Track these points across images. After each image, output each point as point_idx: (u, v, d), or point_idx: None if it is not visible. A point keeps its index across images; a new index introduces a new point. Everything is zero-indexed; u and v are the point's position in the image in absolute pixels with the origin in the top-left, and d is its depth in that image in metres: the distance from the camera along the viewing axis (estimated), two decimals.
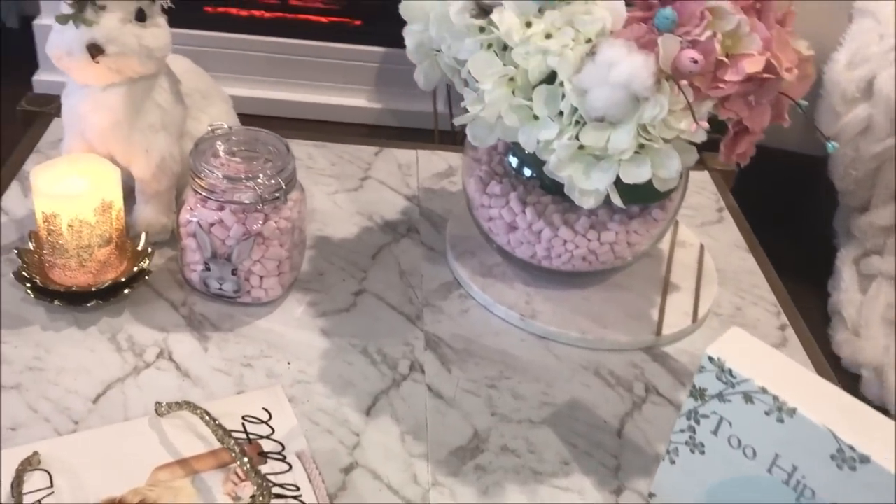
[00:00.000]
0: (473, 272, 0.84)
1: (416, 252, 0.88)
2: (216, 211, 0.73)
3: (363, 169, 1.01)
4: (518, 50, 0.63)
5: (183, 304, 0.77)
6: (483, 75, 0.64)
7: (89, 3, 0.68)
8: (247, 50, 1.88)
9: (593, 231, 0.75)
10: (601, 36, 0.62)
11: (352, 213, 0.93)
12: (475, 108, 0.66)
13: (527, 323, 0.79)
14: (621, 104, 0.59)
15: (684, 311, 0.83)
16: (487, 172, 0.80)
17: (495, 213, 0.78)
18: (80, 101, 0.74)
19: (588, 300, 0.83)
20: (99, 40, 0.68)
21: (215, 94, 0.86)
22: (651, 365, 0.78)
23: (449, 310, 0.81)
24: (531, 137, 0.65)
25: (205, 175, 0.72)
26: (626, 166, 0.62)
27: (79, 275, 0.73)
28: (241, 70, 1.89)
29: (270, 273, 0.76)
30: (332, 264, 0.85)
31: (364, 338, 0.76)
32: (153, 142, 0.76)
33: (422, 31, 0.74)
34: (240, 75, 1.89)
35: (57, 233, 0.71)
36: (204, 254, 0.74)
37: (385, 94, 1.98)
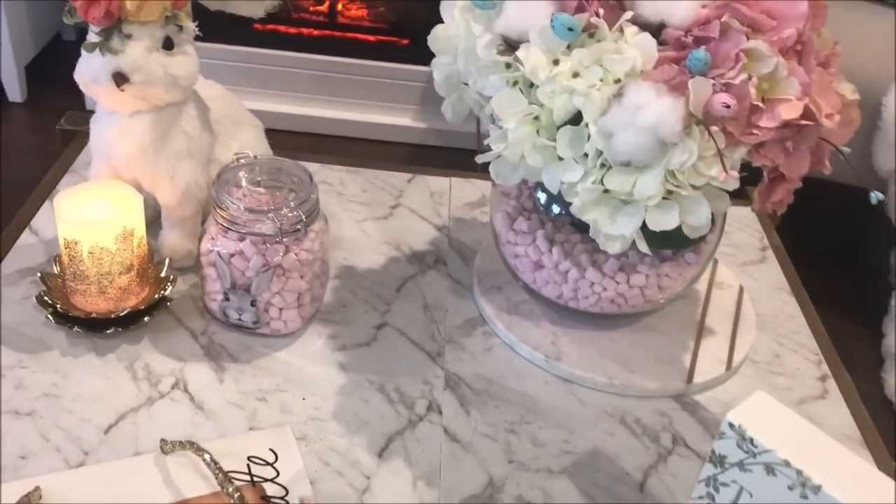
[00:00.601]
0: (499, 309, 0.82)
1: (442, 285, 0.86)
2: (237, 242, 0.72)
3: (394, 196, 0.99)
4: (544, 88, 0.61)
5: (203, 333, 0.77)
6: (507, 113, 0.62)
7: (116, 31, 0.68)
8: (294, 67, 1.89)
9: (622, 273, 0.73)
10: (630, 76, 0.60)
11: (379, 243, 0.91)
12: (498, 146, 0.64)
13: (551, 365, 0.77)
14: (648, 149, 0.57)
15: (718, 357, 0.80)
16: (515, 208, 0.78)
17: (521, 251, 0.76)
18: (107, 127, 0.74)
19: (616, 342, 0.80)
20: (124, 69, 0.68)
21: (246, 121, 0.86)
22: (680, 414, 0.75)
23: (472, 347, 0.79)
24: (555, 178, 0.63)
25: (226, 206, 0.71)
26: (653, 212, 0.59)
27: (99, 301, 0.73)
28: (287, 87, 1.89)
29: (290, 305, 0.75)
30: (355, 295, 0.84)
31: (382, 374, 0.75)
32: (178, 169, 0.76)
33: (450, 64, 0.72)
34: (286, 92, 1.90)
35: (78, 259, 0.71)
36: (224, 284, 0.73)
37: (429, 113, 1.97)
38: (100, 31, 0.68)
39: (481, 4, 0.67)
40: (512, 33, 0.64)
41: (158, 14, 0.69)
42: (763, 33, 0.59)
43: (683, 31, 0.60)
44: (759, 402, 0.50)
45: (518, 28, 0.63)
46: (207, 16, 2.11)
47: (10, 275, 0.80)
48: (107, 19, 0.67)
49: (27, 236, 0.85)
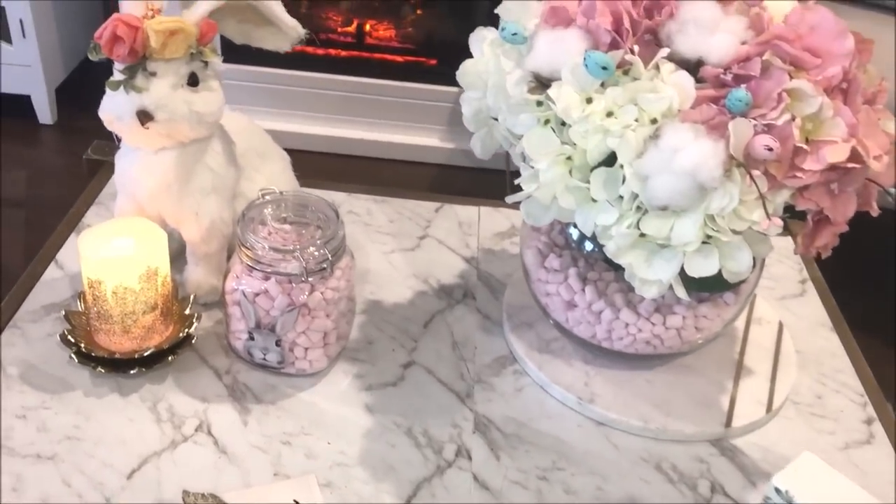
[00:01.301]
0: (530, 347, 0.79)
1: (470, 320, 0.84)
2: (262, 281, 0.70)
3: (422, 227, 0.98)
4: (576, 128, 0.59)
5: (227, 373, 0.75)
6: (538, 153, 0.60)
7: (140, 69, 0.67)
8: (322, 88, 1.88)
9: (658, 315, 0.70)
10: (667, 116, 0.57)
11: (407, 276, 0.90)
12: (529, 186, 0.62)
13: (584, 407, 0.74)
14: (686, 193, 0.54)
15: (758, 398, 0.77)
16: (546, 244, 0.76)
17: (553, 290, 0.74)
18: (131, 163, 0.73)
19: (652, 383, 0.77)
20: (148, 107, 0.67)
21: (272, 153, 0.85)
22: (718, 460, 0.72)
23: (502, 388, 0.77)
24: (588, 220, 0.60)
25: (251, 245, 0.70)
26: (692, 258, 0.57)
27: (123, 340, 0.72)
28: (315, 108, 1.89)
29: (315, 345, 0.73)
30: (382, 332, 0.82)
31: (410, 417, 0.73)
32: (203, 205, 0.75)
33: (479, 99, 0.71)
34: (314, 113, 1.90)
35: (102, 299, 0.69)
36: (248, 323, 0.72)
37: (457, 133, 1.95)
38: (124, 69, 0.67)
39: (512, 39, 0.65)
40: (543, 70, 0.62)
41: (183, 51, 0.68)
42: (807, 71, 0.57)
43: (722, 69, 0.58)
44: (807, 464, 0.47)
45: (549, 65, 0.61)
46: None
47: (35, 310, 0.79)
48: (131, 57, 0.66)
49: (53, 270, 0.84)
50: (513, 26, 0.65)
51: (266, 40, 0.74)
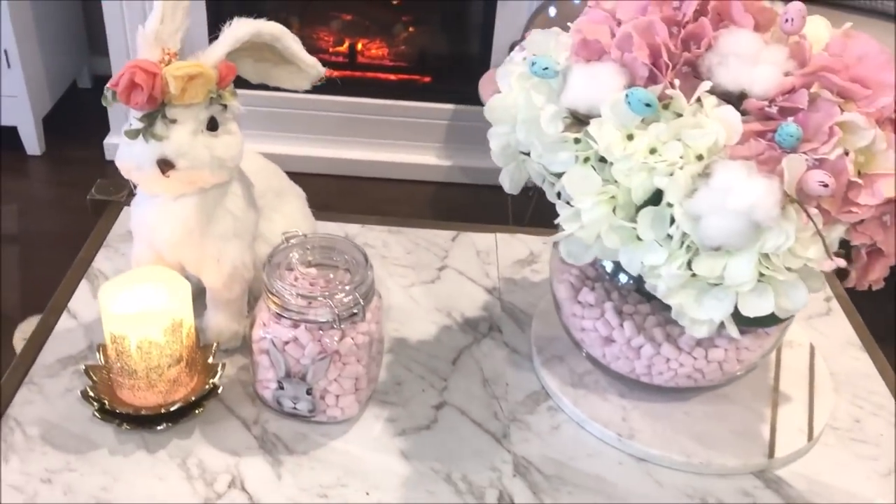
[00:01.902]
0: (563, 382, 0.78)
1: (499, 355, 0.82)
2: (291, 328, 0.68)
3: (440, 257, 0.96)
4: (619, 166, 0.57)
5: (255, 423, 0.73)
6: (580, 193, 0.58)
7: (159, 116, 0.65)
8: (315, 109, 1.86)
9: (700, 349, 0.69)
10: (713, 151, 0.56)
11: (429, 310, 0.88)
12: (570, 225, 0.60)
13: (625, 444, 0.73)
14: (741, 233, 0.53)
15: (798, 426, 0.75)
16: (578, 277, 0.74)
17: (589, 325, 0.72)
18: (149, 211, 0.71)
19: (690, 415, 0.75)
20: (169, 155, 0.65)
21: (289, 191, 0.82)
22: (764, 493, 0.71)
23: (538, 426, 0.75)
24: (634, 260, 0.59)
25: (278, 292, 0.68)
26: (746, 297, 0.55)
27: (148, 395, 0.69)
28: (309, 130, 1.87)
29: (347, 391, 0.71)
30: (410, 371, 0.80)
31: (447, 462, 0.71)
32: (225, 251, 0.72)
33: (507, 134, 0.69)
34: (308, 135, 1.87)
35: (126, 354, 0.67)
36: (278, 373, 0.70)
37: (454, 150, 1.94)
38: (142, 117, 0.65)
39: (543, 73, 0.64)
40: (580, 107, 0.60)
41: (203, 95, 0.65)
42: (855, 102, 0.55)
43: (767, 102, 0.57)
44: None
45: (586, 101, 0.60)
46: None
47: (51, 364, 0.76)
48: (150, 104, 0.64)
49: (66, 320, 0.82)
50: (543, 60, 0.63)
51: (284, 80, 0.72)
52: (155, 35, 0.66)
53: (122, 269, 0.88)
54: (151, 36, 0.66)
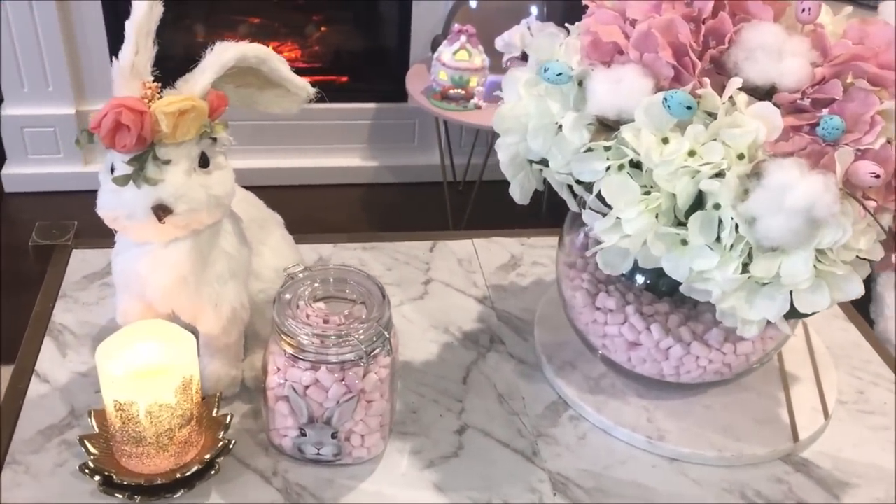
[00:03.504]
0: (580, 389, 0.76)
1: (507, 368, 0.80)
2: (311, 371, 0.64)
3: (423, 270, 0.92)
4: (660, 171, 0.56)
5: (274, 474, 0.68)
6: (622, 202, 0.56)
7: (150, 157, 0.58)
8: (232, 119, 1.77)
9: (729, 344, 0.68)
10: (753, 149, 0.55)
11: (425, 328, 0.84)
12: (610, 236, 0.58)
13: (655, 446, 0.72)
14: (799, 231, 0.52)
15: (812, 405, 0.76)
16: (591, 282, 0.72)
17: (613, 331, 0.70)
18: (136, 259, 0.64)
19: (710, 409, 0.75)
20: (166, 200, 0.59)
21: (269, 220, 0.77)
22: (795, 477, 0.71)
23: (564, 438, 0.73)
24: (680, 266, 0.57)
25: (293, 333, 0.63)
26: (802, 295, 0.55)
27: (158, 461, 0.63)
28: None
29: (373, 430, 0.67)
30: (422, 396, 0.76)
31: (483, 489, 0.68)
32: (223, 294, 0.67)
33: (517, 143, 0.66)
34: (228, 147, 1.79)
35: (133, 421, 0.61)
36: (299, 419, 0.65)
37: (379, 150, 1.89)
38: (131, 160, 0.58)
39: (557, 80, 0.61)
40: (608, 113, 0.58)
41: (196, 131, 0.60)
42: (885, 88, 0.55)
43: (799, 94, 0.56)
44: None
45: (614, 107, 0.58)
46: None
47: (32, 438, 0.69)
48: (138, 145, 0.58)
49: (37, 385, 0.74)
50: (556, 66, 0.61)
51: (271, 104, 0.67)
52: (131, 68, 0.60)
53: (87, 322, 0.81)
54: (128, 69, 0.60)
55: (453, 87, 1.71)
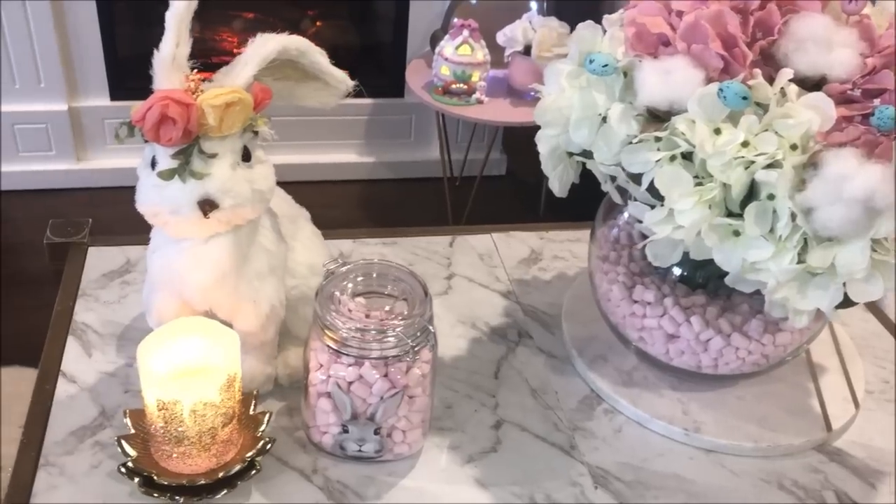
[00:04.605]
0: (614, 382, 0.76)
1: (537, 363, 0.80)
2: (354, 367, 0.63)
3: (444, 266, 0.92)
4: (713, 161, 0.56)
5: (314, 472, 0.67)
6: (676, 193, 0.56)
7: (195, 151, 0.57)
8: None
9: (768, 335, 0.68)
10: (806, 140, 0.55)
11: (452, 324, 0.84)
12: (663, 228, 0.58)
13: (692, 438, 0.72)
14: (857, 221, 0.52)
15: (842, 395, 0.77)
16: (627, 275, 0.72)
17: (652, 324, 0.70)
18: (176, 256, 0.63)
19: (743, 399, 0.75)
20: (213, 194, 0.58)
21: (298, 214, 0.76)
22: (830, 466, 0.72)
23: (601, 432, 0.73)
24: (732, 257, 0.57)
25: (336, 327, 0.62)
26: (856, 284, 0.55)
27: (200, 461, 0.62)
28: None
29: (415, 426, 0.66)
30: (455, 392, 0.76)
31: (525, 483, 0.68)
32: (262, 291, 0.66)
33: (557, 136, 0.66)
34: None
35: (177, 420, 0.60)
36: (343, 416, 0.64)
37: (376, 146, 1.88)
38: (176, 153, 0.57)
39: (603, 71, 0.61)
40: (659, 104, 0.58)
41: (241, 123, 0.59)
42: None
43: (850, 85, 0.56)
44: None
45: (666, 98, 0.57)
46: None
47: (64, 440, 0.67)
48: (184, 139, 0.57)
49: (64, 386, 0.72)
50: (602, 57, 0.61)
51: (309, 97, 0.66)
52: (173, 60, 0.58)
53: (110, 321, 0.79)
54: (169, 61, 0.58)
55: (455, 81, 1.71)
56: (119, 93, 1.98)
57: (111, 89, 1.98)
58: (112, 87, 1.98)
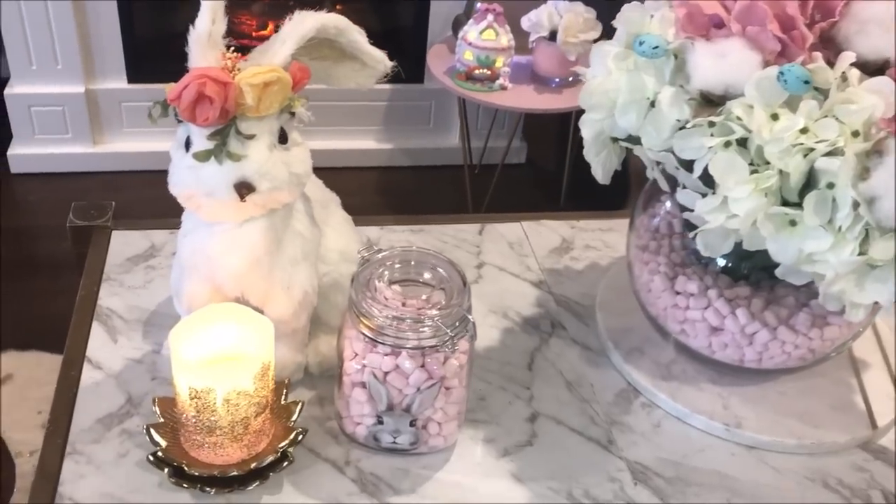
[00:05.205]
0: (652, 375, 0.74)
1: (571, 354, 0.78)
2: (391, 356, 0.61)
3: (474, 254, 0.90)
4: (770, 148, 0.53)
5: (347, 463, 0.65)
6: (732, 181, 0.54)
7: (232, 132, 0.55)
8: None
9: (816, 329, 0.66)
10: (868, 126, 0.53)
11: (484, 313, 0.82)
12: (716, 216, 0.56)
13: (733, 433, 0.70)
14: None
15: (886, 392, 0.75)
16: (668, 265, 0.70)
17: (696, 315, 0.68)
18: (208, 240, 0.61)
19: (785, 395, 0.73)
20: (250, 177, 0.56)
21: (329, 199, 0.74)
22: (874, 464, 0.70)
23: (639, 426, 0.71)
24: (788, 247, 0.55)
25: (373, 315, 0.60)
26: None
27: (231, 451, 0.61)
28: None
29: (451, 418, 0.64)
30: (489, 383, 0.74)
31: (563, 479, 0.66)
32: (295, 277, 0.64)
33: (603, 120, 0.64)
34: None
35: (210, 409, 0.58)
36: (378, 406, 0.62)
37: (395, 132, 1.85)
38: (212, 134, 0.55)
39: (653, 53, 0.59)
40: (714, 88, 0.56)
41: (279, 103, 0.57)
42: None
43: None
44: None
45: (721, 82, 0.55)
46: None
47: (91, 428, 0.66)
48: (221, 119, 0.55)
49: (90, 372, 0.71)
50: (652, 38, 0.58)
51: (347, 78, 0.64)
52: (209, 37, 0.56)
53: (135, 306, 0.78)
54: (205, 38, 0.56)
55: (479, 67, 1.68)
56: (137, 75, 1.96)
57: (129, 72, 1.96)
58: (129, 70, 1.97)
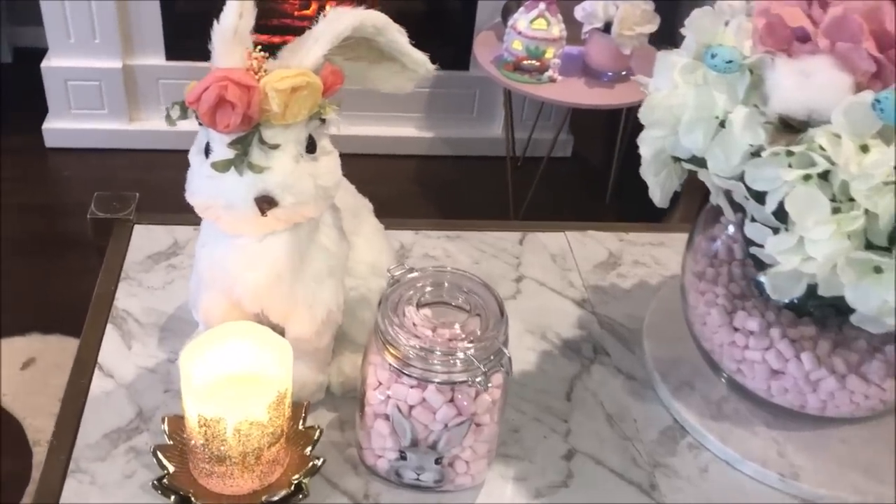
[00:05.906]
0: (701, 414, 0.68)
1: (614, 385, 0.72)
2: (417, 389, 0.56)
3: (513, 266, 0.84)
4: (858, 185, 0.47)
5: (366, 497, 0.61)
6: (810, 220, 0.48)
7: (255, 140, 0.50)
8: None
9: (890, 380, 0.60)
10: None
11: (521, 332, 0.76)
12: (790, 258, 0.49)
13: (788, 485, 0.64)
14: None
15: None
16: (727, 297, 0.64)
17: (756, 357, 0.62)
18: (228, 253, 0.56)
19: (847, 443, 0.67)
20: (272, 191, 0.51)
21: (361, 207, 0.69)
22: None
23: (684, 470, 0.65)
24: (870, 296, 0.49)
25: (399, 344, 0.55)
26: None
27: (242, 481, 0.56)
28: None
29: (480, 456, 0.59)
30: (523, 413, 0.69)
31: None
32: (319, 294, 0.59)
33: (664, 138, 0.58)
34: None
35: (219, 439, 0.53)
36: (402, 441, 0.57)
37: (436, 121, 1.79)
38: (233, 142, 0.50)
39: (726, 68, 0.52)
40: (796, 112, 0.49)
41: (308, 110, 0.51)
42: None
43: None
44: None
45: (807, 106, 0.49)
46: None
47: (97, 443, 0.62)
48: (243, 126, 0.49)
49: (101, 381, 0.67)
50: (726, 52, 0.52)
51: (385, 80, 0.58)
52: (234, 32, 0.51)
53: (153, 309, 0.74)
54: (231, 34, 0.51)
55: (527, 57, 1.60)
56: (175, 52, 1.93)
57: (167, 48, 1.93)
58: (168, 47, 1.93)
